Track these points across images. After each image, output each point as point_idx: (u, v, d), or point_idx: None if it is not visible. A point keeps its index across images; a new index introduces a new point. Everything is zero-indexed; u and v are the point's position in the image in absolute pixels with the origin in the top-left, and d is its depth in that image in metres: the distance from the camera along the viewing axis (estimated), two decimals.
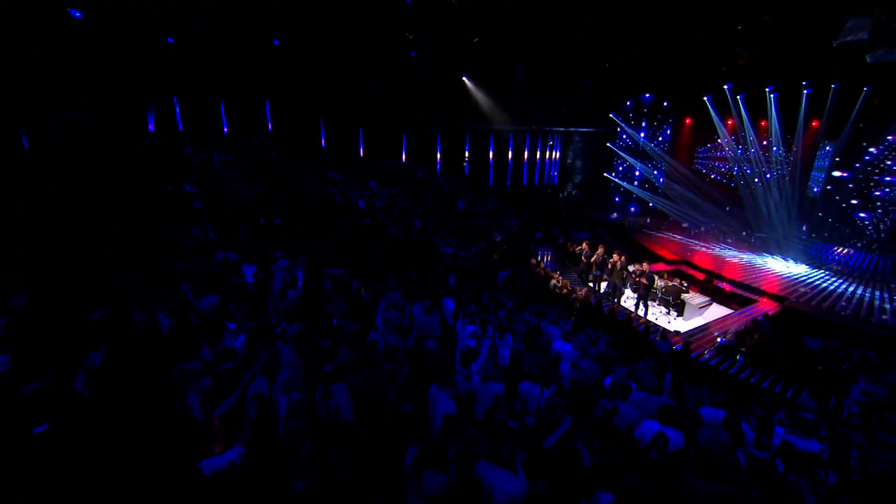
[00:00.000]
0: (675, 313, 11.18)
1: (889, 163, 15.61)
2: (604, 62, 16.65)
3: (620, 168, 24.73)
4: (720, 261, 16.55)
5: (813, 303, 12.11)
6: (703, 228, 21.86)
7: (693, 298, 11.07)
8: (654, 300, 11.38)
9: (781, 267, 16.32)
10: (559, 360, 6.10)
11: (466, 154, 24.31)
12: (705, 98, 20.66)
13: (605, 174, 24.98)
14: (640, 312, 10.98)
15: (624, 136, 23.93)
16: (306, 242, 8.33)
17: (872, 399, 6.04)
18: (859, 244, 16.33)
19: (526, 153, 25.41)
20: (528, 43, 15.34)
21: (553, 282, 12.50)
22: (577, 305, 11.45)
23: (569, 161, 27.07)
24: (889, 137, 15.59)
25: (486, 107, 21.20)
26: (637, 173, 24.07)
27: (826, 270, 15.98)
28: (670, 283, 10.91)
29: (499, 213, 21.27)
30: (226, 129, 18.03)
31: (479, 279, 11.16)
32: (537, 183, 27.11)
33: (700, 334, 10.09)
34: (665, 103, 22.02)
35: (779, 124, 18.68)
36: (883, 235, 15.82)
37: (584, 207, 23.82)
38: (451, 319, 7.49)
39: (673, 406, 4.40)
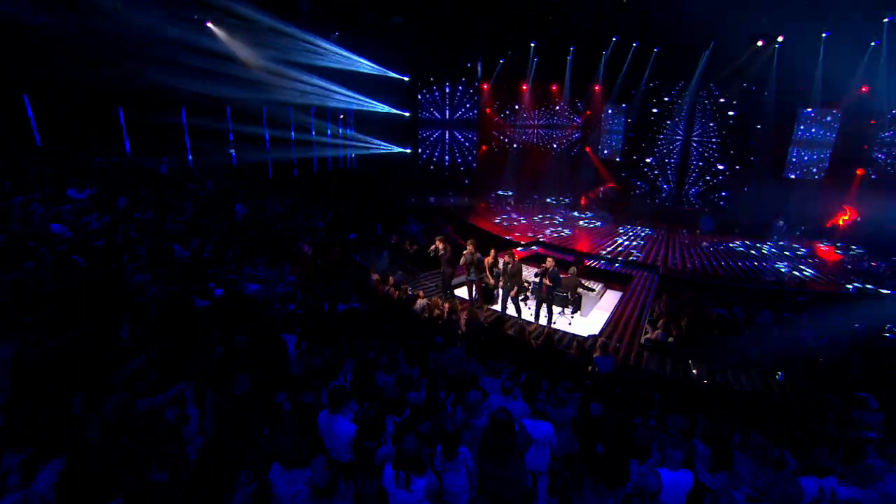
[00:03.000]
0: (572, 310, 10.04)
1: (669, 122, 18.44)
2: None
3: (429, 142, 23.52)
4: (570, 235, 16.68)
5: (678, 267, 12.96)
6: (512, 202, 22.64)
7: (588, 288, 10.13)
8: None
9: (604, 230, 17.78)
10: None
11: (232, 136, 18.80)
12: (500, 60, 21.04)
13: (410, 150, 23.34)
14: (543, 321, 9.42)
15: (427, 104, 22.72)
16: None
17: None
18: (657, 200, 19.08)
19: (314, 131, 21.51)
20: None
21: (420, 302, 9.83)
22: (463, 331, 9.13)
23: (366, 138, 24.41)
24: (665, 98, 18.32)
25: (256, 69, 16.50)
26: (447, 146, 23.28)
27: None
28: (569, 276, 9.62)
29: (297, 215, 17.18)
30: None
31: (331, 332, 7.42)
32: (331, 168, 23.57)
33: (617, 332, 9.13)
34: (468, 63, 21.50)
35: (572, 87, 20.41)
36: (672, 190, 18.79)
37: (394, 191, 21.75)
38: (354, 456, 4.02)
39: None
